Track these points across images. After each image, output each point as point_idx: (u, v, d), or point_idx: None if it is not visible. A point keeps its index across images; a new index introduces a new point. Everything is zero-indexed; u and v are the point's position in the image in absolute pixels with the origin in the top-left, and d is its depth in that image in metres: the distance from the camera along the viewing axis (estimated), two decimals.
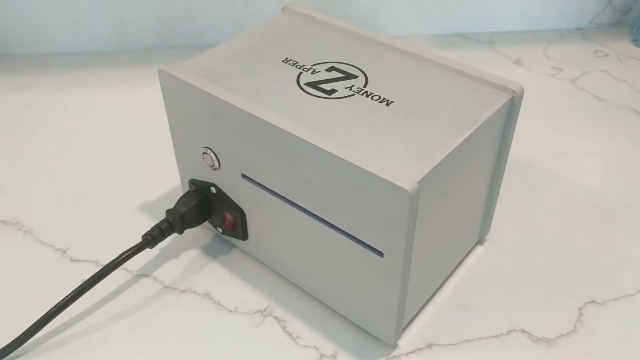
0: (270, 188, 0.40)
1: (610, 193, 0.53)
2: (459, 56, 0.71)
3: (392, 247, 0.35)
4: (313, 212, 0.38)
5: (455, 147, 0.35)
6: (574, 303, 0.44)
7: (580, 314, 0.43)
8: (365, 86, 0.40)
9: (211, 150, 0.42)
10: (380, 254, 0.36)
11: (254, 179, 0.41)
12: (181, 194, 0.46)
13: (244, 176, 0.41)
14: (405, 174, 0.33)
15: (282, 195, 0.40)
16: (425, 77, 0.41)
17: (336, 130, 0.36)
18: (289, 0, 0.70)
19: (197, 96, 0.40)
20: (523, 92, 0.40)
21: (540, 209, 0.52)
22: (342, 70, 0.42)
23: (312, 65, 0.43)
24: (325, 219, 0.38)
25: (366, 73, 0.42)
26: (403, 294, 0.37)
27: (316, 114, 0.38)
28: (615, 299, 0.44)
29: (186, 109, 0.42)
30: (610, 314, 0.43)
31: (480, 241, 0.48)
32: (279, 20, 0.48)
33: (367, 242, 0.36)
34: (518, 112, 0.40)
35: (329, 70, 0.42)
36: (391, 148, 0.35)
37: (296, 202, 0.39)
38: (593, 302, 0.44)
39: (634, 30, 0.74)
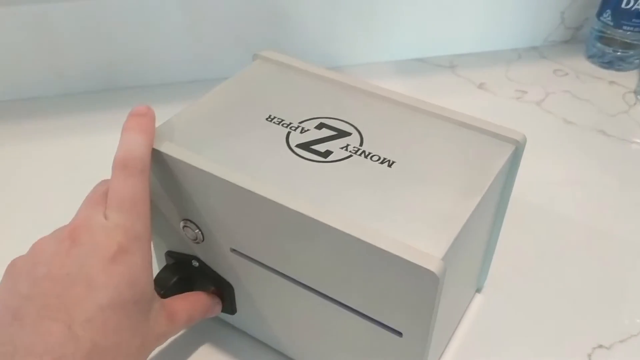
0: (267, 264, 0.36)
1: (597, 224, 0.52)
2: (422, 82, 0.70)
3: (413, 327, 0.32)
4: (319, 291, 0.35)
5: (471, 212, 0.33)
6: (583, 350, 0.43)
7: None
8: (361, 145, 0.37)
9: (193, 223, 0.38)
10: (399, 334, 0.33)
11: (245, 254, 0.37)
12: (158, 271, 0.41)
13: (233, 250, 0.37)
14: (427, 252, 0.30)
15: (281, 272, 0.36)
16: (422, 129, 0.39)
17: (340, 200, 0.33)
18: (241, 31, 0.66)
19: (177, 167, 0.36)
20: (526, 141, 0.38)
21: (532, 247, 0.50)
22: (333, 127, 0.39)
23: (299, 123, 0.39)
24: (333, 298, 0.34)
25: (359, 129, 0.39)
26: None
27: (315, 182, 0.34)
28: (621, 341, 0.43)
29: (164, 180, 0.37)
30: (619, 357, 0.42)
31: (478, 289, 0.46)
32: (252, 70, 0.44)
33: (384, 322, 0.33)
34: (520, 160, 0.39)
35: (319, 127, 0.39)
36: (404, 219, 0.32)
37: (298, 279, 0.35)
38: (601, 346, 0.43)
39: (588, 48, 0.75)
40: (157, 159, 0.36)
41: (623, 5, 0.68)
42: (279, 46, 0.67)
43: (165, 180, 0.37)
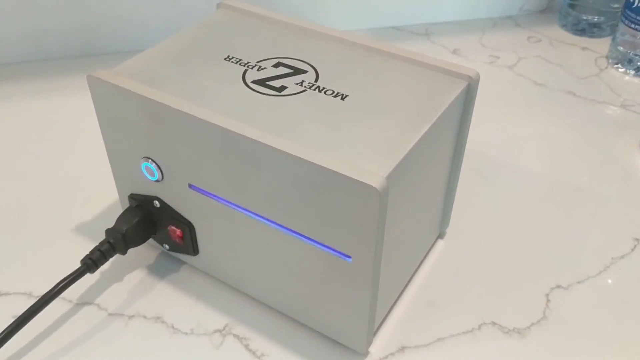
0: (222, 197, 0.37)
1: (560, 176, 0.53)
2: None
3: (360, 249, 0.32)
4: (271, 219, 0.35)
5: (418, 139, 0.34)
6: (540, 290, 0.43)
7: (548, 300, 0.42)
8: (316, 81, 0.38)
9: (152, 160, 0.39)
10: (348, 257, 0.33)
11: (203, 189, 0.37)
12: (120, 211, 0.42)
13: (191, 186, 0.38)
14: (372, 170, 0.31)
15: (236, 203, 0.36)
16: (377, 68, 0.39)
17: (291, 129, 0.34)
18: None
19: (133, 102, 0.36)
20: (479, 77, 0.39)
21: (494, 197, 0.51)
22: (290, 66, 0.39)
23: (257, 62, 0.40)
24: (285, 225, 0.35)
25: (315, 67, 0.39)
26: (373, 298, 0.35)
27: (268, 113, 0.35)
28: (579, 282, 0.44)
29: (121, 117, 0.38)
30: (577, 297, 0.43)
31: (440, 235, 0.47)
32: (215, 17, 0.45)
33: (332, 247, 0.34)
34: (474, 98, 0.39)
35: (276, 66, 0.39)
36: (352, 144, 0.33)
37: (252, 210, 0.36)
38: (559, 287, 0.43)
39: (562, 16, 0.75)
40: (117, 95, 0.37)
41: None
42: None
43: (125, 119, 0.38)
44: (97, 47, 0.68)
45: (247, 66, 0.39)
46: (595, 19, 0.72)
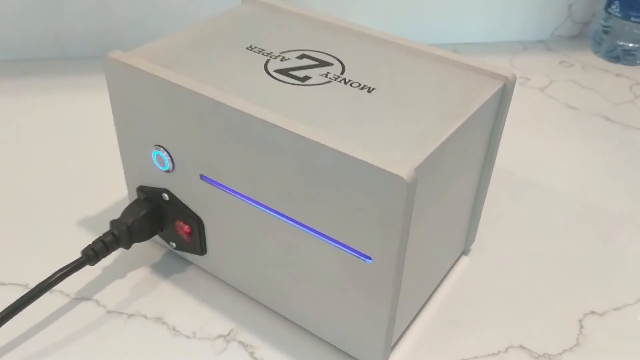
0: (234, 189, 0.34)
1: (593, 199, 0.50)
2: None
3: (382, 249, 0.30)
4: (286, 214, 0.33)
5: (450, 134, 0.31)
6: (573, 315, 0.40)
7: (581, 327, 0.39)
8: (342, 73, 0.36)
9: (164, 149, 0.36)
10: (368, 258, 0.31)
11: (215, 179, 0.35)
12: (127, 204, 0.40)
13: (202, 177, 0.36)
14: (400, 161, 0.28)
15: (249, 196, 0.34)
16: (406, 64, 0.37)
17: (314, 117, 0.32)
18: None
19: (149, 84, 0.34)
20: (515, 79, 0.36)
21: (523, 216, 0.48)
22: (315, 58, 0.37)
23: (280, 53, 0.38)
24: (300, 222, 0.32)
25: (341, 60, 0.37)
26: (393, 305, 0.32)
27: (290, 100, 0.33)
28: (615, 309, 0.40)
29: (136, 101, 0.36)
30: (612, 325, 0.39)
31: (465, 251, 0.44)
32: (239, 9, 0.44)
33: (352, 246, 0.31)
34: (509, 101, 0.37)
35: (300, 57, 0.37)
36: (379, 135, 0.30)
37: (265, 204, 0.33)
38: (593, 313, 0.40)
39: (595, 42, 0.73)
40: (132, 76, 0.35)
41: None
42: None
43: (139, 103, 0.36)
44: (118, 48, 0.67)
45: (270, 56, 0.37)
46: (630, 46, 0.70)
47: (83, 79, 0.62)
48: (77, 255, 0.37)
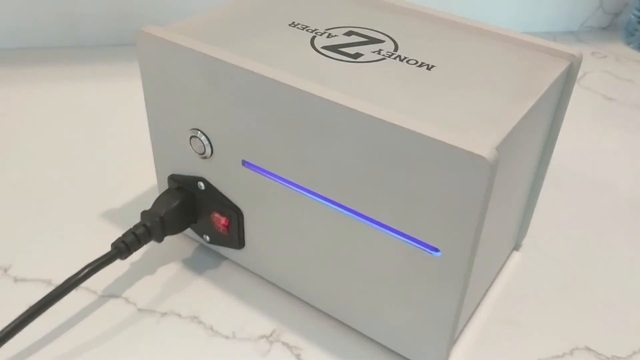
0: (282, 176, 0.32)
1: None
2: None
3: (454, 238, 0.27)
4: (341, 203, 0.30)
5: (525, 113, 0.28)
6: (638, 315, 0.37)
7: None
8: (396, 50, 0.33)
9: (202, 132, 0.33)
10: (436, 251, 0.28)
11: (260, 166, 0.32)
12: (154, 199, 0.37)
13: (245, 163, 0.33)
14: (479, 140, 0.25)
15: (298, 183, 0.31)
16: (465, 42, 0.35)
17: (373, 94, 0.29)
18: None
19: (188, 60, 0.32)
20: (582, 58, 0.34)
21: (572, 209, 0.45)
22: (364, 35, 0.35)
23: (326, 30, 0.35)
24: (359, 211, 0.29)
25: (393, 38, 0.34)
26: (460, 303, 0.29)
27: (343, 77, 0.30)
28: None
29: (172, 80, 0.33)
30: None
31: (516, 247, 0.41)
32: None
33: (418, 237, 0.28)
34: (574, 82, 0.34)
35: (348, 34, 0.35)
36: (448, 114, 0.28)
37: (317, 192, 0.31)
38: None
39: (628, 33, 0.70)
40: (170, 52, 0.32)
41: None
42: None
43: (176, 82, 0.33)
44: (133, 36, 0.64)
45: (316, 33, 0.34)
46: None
47: (98, 67, 0.59)
48: (100, 249, 0.34)
